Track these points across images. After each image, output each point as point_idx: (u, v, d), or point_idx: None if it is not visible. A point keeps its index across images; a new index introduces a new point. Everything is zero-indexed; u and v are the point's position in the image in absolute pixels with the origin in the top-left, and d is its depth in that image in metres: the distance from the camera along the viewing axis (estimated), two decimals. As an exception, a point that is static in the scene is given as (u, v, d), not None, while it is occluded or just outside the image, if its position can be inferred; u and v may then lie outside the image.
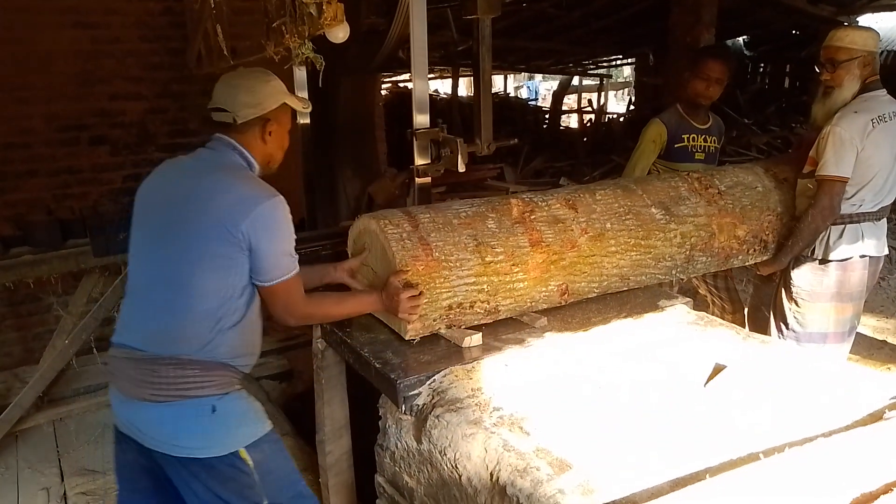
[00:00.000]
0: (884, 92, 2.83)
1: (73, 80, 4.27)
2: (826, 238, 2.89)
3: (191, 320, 1.79)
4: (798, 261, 2.96)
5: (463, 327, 2.23)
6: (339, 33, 2.10)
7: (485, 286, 2.22)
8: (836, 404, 1.81)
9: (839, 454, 1.52)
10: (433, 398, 1.95)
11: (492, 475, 1.63)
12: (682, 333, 2.32)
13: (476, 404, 1.86)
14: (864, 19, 10.09)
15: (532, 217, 2.37)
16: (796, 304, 3.00)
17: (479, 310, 2.24)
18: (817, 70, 2.94)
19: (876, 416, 1.71)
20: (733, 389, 1.92)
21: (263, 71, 2.00)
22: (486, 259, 2.22)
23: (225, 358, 1.85)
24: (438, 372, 2.01)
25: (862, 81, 2.80)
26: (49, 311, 4.30)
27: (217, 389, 1.82)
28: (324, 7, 1.84)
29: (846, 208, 2.84)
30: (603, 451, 1.63)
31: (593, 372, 2.04)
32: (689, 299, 2.59)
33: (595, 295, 2.52)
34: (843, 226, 2.86)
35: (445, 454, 1.78)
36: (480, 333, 2.19)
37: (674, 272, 2.71)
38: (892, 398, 1.81)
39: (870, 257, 2.92)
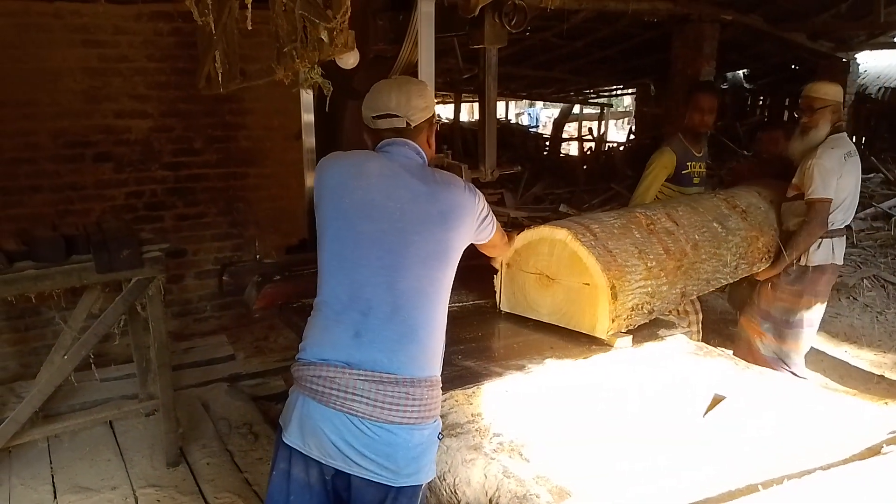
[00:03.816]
0: (845, 134, 3.50)
1: (80, 98, 4.31)
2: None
3: (439, 336, 1.77)
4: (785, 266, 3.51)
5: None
6: (350, 59, 2.14)
7: (648, 289, 2.46)
8: (835, 437, 1.81)
9: (837, 487, 1.52)
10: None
11: (491, 501, 1.63)
12: (681, 363, 2.33)
13: (476, 430, 1.86)
14: (862, 56, 10.21)
15: (655, 228, 2.67)
16: (780, 297, 3.54)
17: (645, 310, 2.46)
18: (796, 115, 3.58)
19: (874, 451, 1.72)
20: (733, 419, 1.93)
21: (418, 79, 2.07)
22: (648, 265, 2.48)
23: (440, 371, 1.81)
24: (439, 396, 2.01)
25: (832, 124, 3.41)
26: (46, 326, 4.30)
27: (440, 409, 1.76)
28: (335, 34, 1.87)
29: None
30: (602, 478, 1.63)
31: (592, 399, 2.04)
32: (688, 329, 2.61)
33: (694, 297, 2.95)
34: (820, 240, 3.44)
35: (445, 479, 1.78)
36: (631, 336, 2.41)
37: (728, 277, 3.12)
38: (890, 433, 1.81)
39: (835, 264, 3.52)
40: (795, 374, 3.52)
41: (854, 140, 12.24)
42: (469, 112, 18.49)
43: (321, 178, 1.87)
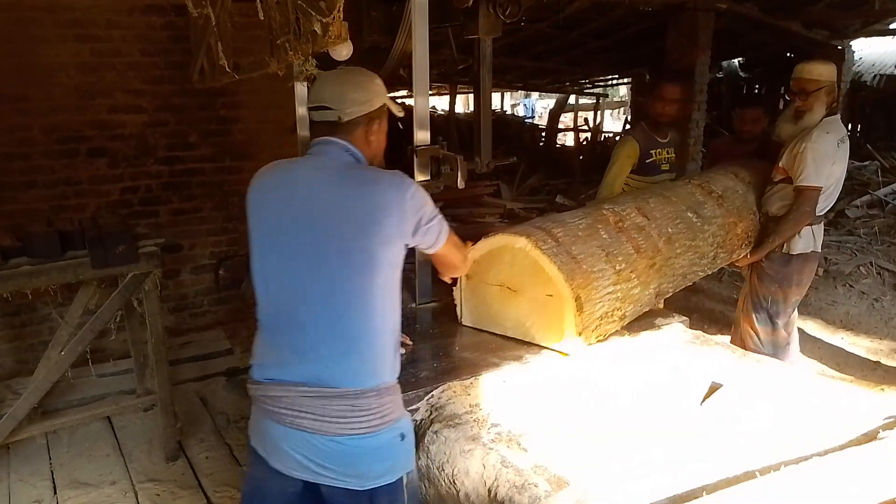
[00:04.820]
0: (839, 116, 3.32)
1: (74, 92, 4.28)
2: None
3: (383, 342, 1.68)
4: (769, 253, 3.39)
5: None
6: (343, 51, 2.13)
7: (618, 293, 2.30)
8: (831, 423, 1.82)
9: (834, 473, 1.53)
10: (431, 413, 1.95)
11: (489, 491, 1.64)
12: (678, 351, 2.33)
13: (474, 420, 1.86)
14: (857, 43, 10.21)
15: (624, 225, 2.51)
16: (767, 287, 3.44)
17: (615, 317, 2.32)
18: (788, 98, 3.40)
19: (870, 436, 1.73)
20: (730, 407, 1.93)
21: (367, 70, 1.87)
22: (617, 268, 2.32)
23: (397, 374, 1.76)
24: (437, 387, 2.01)
25: (827, 106, 3.23)
26: (42, 322, 4.29)
27: (401, 412, 1.73)
28: (328, 25, 1.86)
29: None
30: (600, 468, 1.63)
31: (590, 388, 2.05)
32: (685, 318, 2.61)
33: (670, 294, 2.73)
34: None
35: (443, 470, 1.79)
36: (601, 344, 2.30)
37: (707, 269, 2.97)
38: (886, 418, 1.82)
39: (817, 252, 3.41)
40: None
41: (849, 128, 12.29)
42: (464, 103, 18.45)
43: (248, 194, 1.78)
